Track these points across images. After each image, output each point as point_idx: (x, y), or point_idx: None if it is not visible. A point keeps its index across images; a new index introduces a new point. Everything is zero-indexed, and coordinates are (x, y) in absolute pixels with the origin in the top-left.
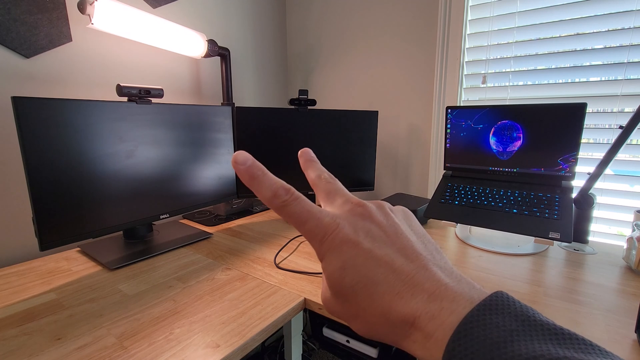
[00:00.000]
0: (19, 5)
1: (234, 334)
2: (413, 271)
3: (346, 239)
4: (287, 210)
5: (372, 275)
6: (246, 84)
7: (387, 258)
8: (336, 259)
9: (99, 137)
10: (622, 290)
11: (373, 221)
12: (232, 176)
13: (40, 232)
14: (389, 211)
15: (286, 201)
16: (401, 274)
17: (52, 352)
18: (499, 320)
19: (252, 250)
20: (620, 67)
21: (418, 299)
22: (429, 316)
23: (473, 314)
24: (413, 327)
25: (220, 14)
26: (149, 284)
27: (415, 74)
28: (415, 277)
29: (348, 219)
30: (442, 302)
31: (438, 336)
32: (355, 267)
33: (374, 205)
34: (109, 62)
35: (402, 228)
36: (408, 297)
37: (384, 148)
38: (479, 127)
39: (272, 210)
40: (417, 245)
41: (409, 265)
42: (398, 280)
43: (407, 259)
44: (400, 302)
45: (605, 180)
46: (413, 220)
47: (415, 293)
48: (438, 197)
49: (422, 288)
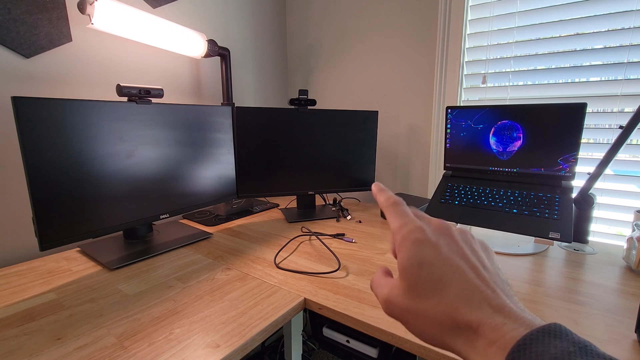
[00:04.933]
0: (19, 5)
1: (234, 334)
2: (482, 287)
3: (428, 240)
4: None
5: (446, 278)
6: (246, 84)
7: (461, 269)
8: (414, 255)
9: (99, 137)
10: (622, 290)
11: (453, 239)
12: (232, 176)
13: (40, 232)
14: (469, 237)
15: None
16: (471, 285)
17: (52, 352)
18: (557, 343)
19: (252, 250)
20: (620, 67)
21: (484, 310)
22: (492, 326)
23: (533, 334)
24: (476, 334)
25: (220, 14)
26: (149, 284)
27: (415, 74)
28: (483, 292)
29: (432, 229)
30: (505, 319)
31: (500, 345)
32: (432, 267)
33: (455, 228)
34: (109, 62)
35: (478, 253)
36: (475, 306)
37: (384, 148)
38: (479, 127)
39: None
40: (489, 270)
41: (479, 282)
42: (468, 290)
43: (477, 276)
44: (467, 308)
45: (605, 180)
46: (491, 252)
47: (481, 305)
48: (438, 197)
49: (488, 303)
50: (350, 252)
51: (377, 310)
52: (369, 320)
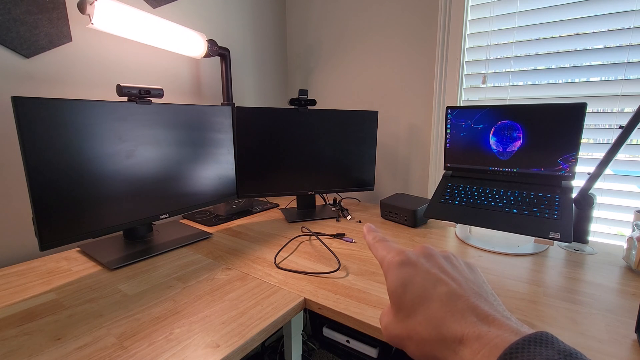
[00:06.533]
0: (19, 5)
1: (234, 334)
2: (465, 295)
3: (408, 260)
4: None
5: (429, 292)
6: (246, 84)
7: (443, 280)
8: (397, 277)
9: (99, 137)
10: (622, 290)
11: (433, 257)
12: (232, 176)
13: (40, 232)
14: (451, 256)
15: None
16: (454, 295)
17: (52, 352)
18: (543, 351)
19: (252, 250)
20: (620, 67)
21: (468, 320)
22: (475, 335)
23: (519, 343)
24: (461, 344)
25: (220, 14)
26: (149, 284)
27: (415, 74)
28: (467, 300)
29: (413, 251)
30: (489, 327)
31: (485, 353)
32: (415, 284)
33: (438, 251)
34: (109, 62)
35: (460, 268)
36: (459, 317)
37: (384, 148)
38: (479, 127)
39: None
40: (472, 281)
41: (461, 291)
42: (451, 301)
43: (459, 286)
44: (452, 319)
45: (605, 180)
46: (475, 269)
47: (465, 315)
48: (438, 197)
49: (473, 312)
50: (350, 252)
51: (377, 310)
52: (369, 320)
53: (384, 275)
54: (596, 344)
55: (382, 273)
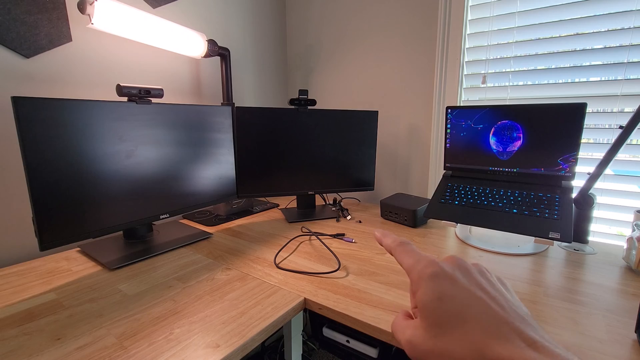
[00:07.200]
0: (19, 5)
1: (234, 334)
2: (509, 319)
3: (444, 273)
4: (401, 248)
5: (468, 311)
6: (246, 84)
7: (483, 300)
8: (433, 290)
9: (99, 137)
10: (622, 290)
11: (468, 271)
12: (232, 176)
13: (40, 232)
14: (484, 269)
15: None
16: (497, 317)
17: (52, 352)
18: None
19: (252, 250)
20: (620, 67)
21: (516, 344)
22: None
23: None
24: None
25: (220, 14)
26: (149, 284)
27: (415, 74)
28: (511, 324)
29: (446, 263)
30: (540, 355)
31: None
32: (453, 298)
33: (469, 262)
34: (109, 62)
35: (497, 286)
36: (504, 340)
37: (384, 148)
38: (479, 127)
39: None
40: (511, 302)
41: (504, 314)
42: (493, 322)
43: (501, 308)
44: (497, 343)
45: (605, 180)
46: (508, 285)
47: (511, 338)
48: (438, 197)
49: (519, 336)
50: (350, 252)
51: (377, 310)
52: (369, 320)
53: (411, 284)
54: (596, 344)
55: (382, 273)
